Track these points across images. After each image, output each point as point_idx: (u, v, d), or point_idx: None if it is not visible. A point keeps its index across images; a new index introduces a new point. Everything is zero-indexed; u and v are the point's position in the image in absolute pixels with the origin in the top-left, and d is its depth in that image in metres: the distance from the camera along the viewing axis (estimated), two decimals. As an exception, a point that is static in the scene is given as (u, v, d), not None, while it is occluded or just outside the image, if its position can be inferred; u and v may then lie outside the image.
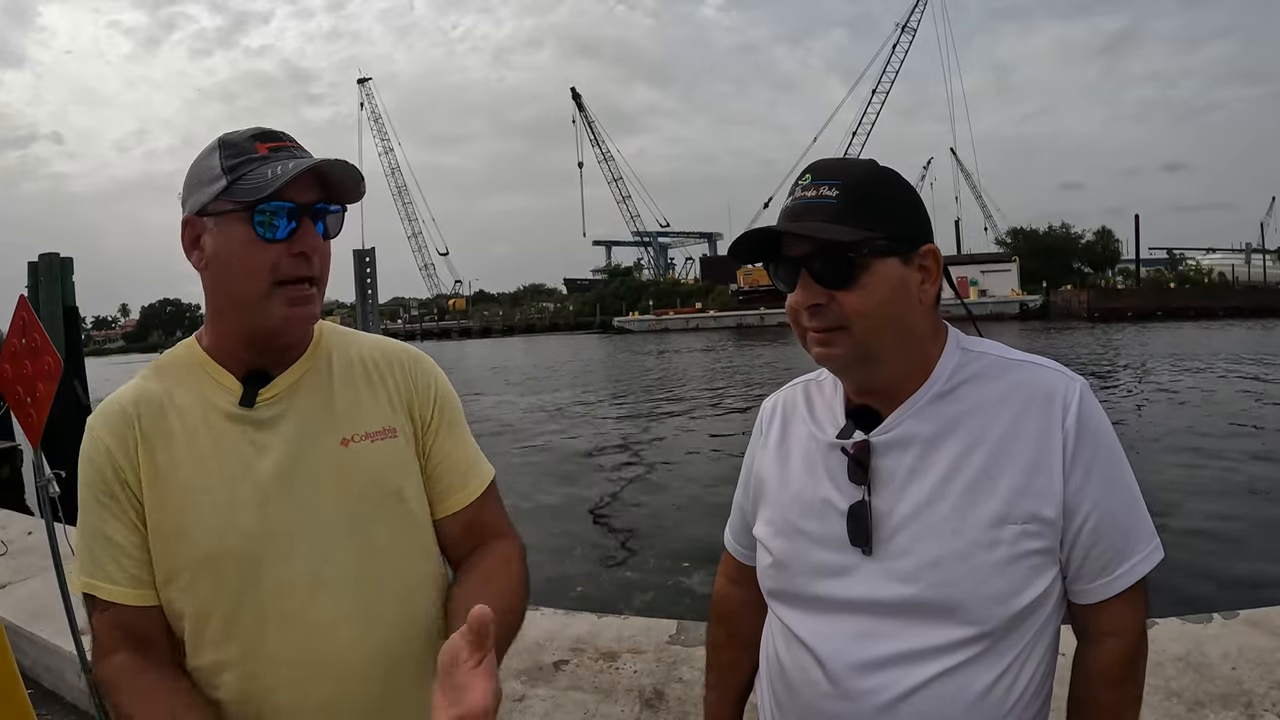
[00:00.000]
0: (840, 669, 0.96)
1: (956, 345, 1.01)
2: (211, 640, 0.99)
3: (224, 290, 1.01)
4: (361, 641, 1.01)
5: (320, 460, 1.03)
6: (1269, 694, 2.30)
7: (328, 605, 1.00)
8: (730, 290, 75.33)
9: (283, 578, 0.99)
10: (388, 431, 1.08)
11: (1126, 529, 0.95)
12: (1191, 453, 9.80)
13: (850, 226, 0.92)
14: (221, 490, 0.99)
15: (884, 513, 0.96)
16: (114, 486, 1.00)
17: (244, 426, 1.02)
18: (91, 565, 1.00)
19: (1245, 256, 65.77)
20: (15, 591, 4.02)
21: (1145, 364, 20.91)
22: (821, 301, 0.94)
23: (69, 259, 9.95)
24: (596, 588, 6.14)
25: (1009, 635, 0.93)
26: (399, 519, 1.08)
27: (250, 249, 0.97)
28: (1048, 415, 0.94)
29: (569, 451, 12.42)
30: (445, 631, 1.06)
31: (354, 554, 1.02)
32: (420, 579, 1.10)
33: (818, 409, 1.08)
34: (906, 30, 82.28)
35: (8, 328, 2.81)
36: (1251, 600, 3.64)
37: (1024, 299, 55.73)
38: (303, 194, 0.98)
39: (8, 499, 8.53)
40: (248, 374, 1.04)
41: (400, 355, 1.16)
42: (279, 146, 0.99)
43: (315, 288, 1.02)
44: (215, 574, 0.98)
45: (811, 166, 0.98)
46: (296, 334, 1.04)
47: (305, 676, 0.99)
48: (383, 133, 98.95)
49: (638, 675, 2.77)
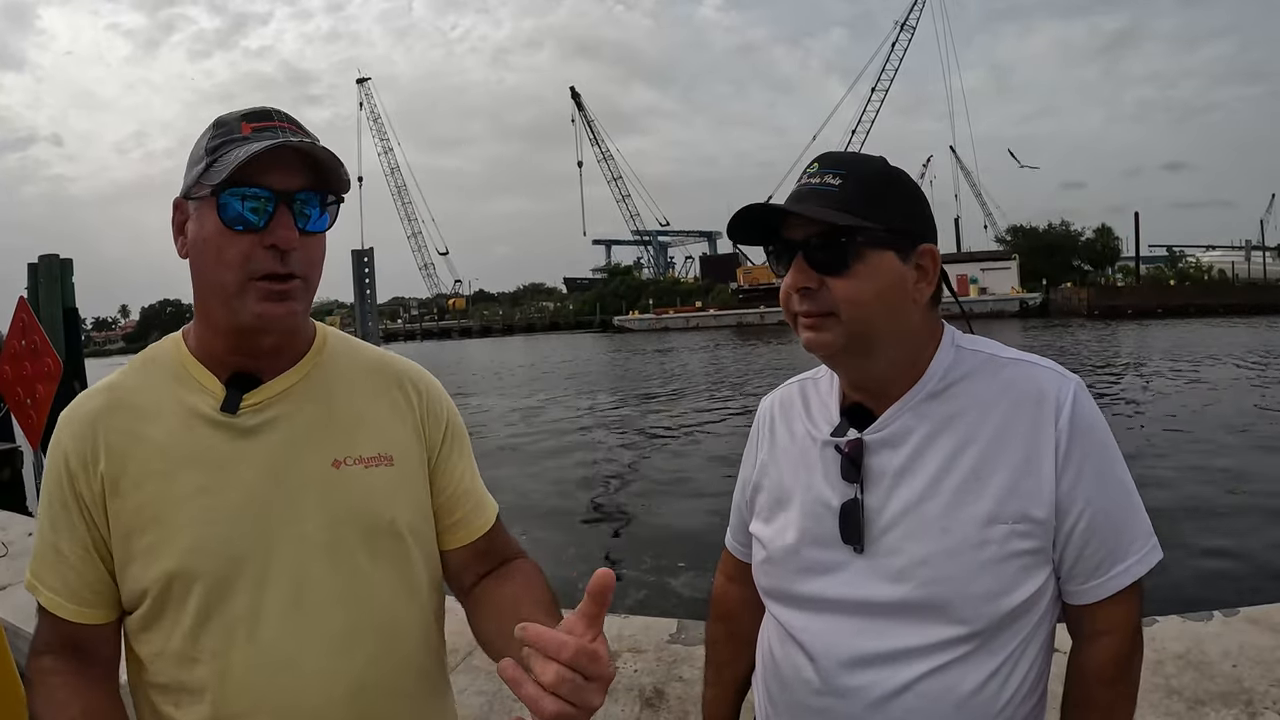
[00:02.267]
0: (831, 666, 0.96)
1: (952, 344, 1.01)
2: (173, 662, 0.91)
3: (202, 280, 0.92)
4: (335, 678, 0.92)
5: (307, 479, 0.94)
6: (1269, 692, 2.30)
7: (300, 637, 0.91)
8: (730, 289, 75.37)
9: (255, 603, 0.90)
10: (384, 458, 0.99)
11: (1120, 529, 0.94)
12: (1192, 450, 9.79)
13: (849, 215, 0.92)
14: (197, 503, 0.90)
15: (875, 511, 0.96)
16: (67, 498, 0.93)
17: (225, 434, 0.93)
18: (38, 566, 0.95)
19: (1245, 254, 65.77)
20: (15, 593, 4.01)
21: (1145, 361, 20.88)
22: (812, 285, 0.94)
23: (69, 260, 9.92)
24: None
25: (1000, 635, 0.92)
26: (388, 552, 0.98)
27: (221, 238, 0.88)
28: (1040, 414, 0.94)
29: (568, 451, 12.41)
30: (432, 674, 1.04)
31: (334, 585, 0.94)
32: (407, 618, 1.00)
33: (813, 407, 1.08)
34: (906, 28, 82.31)
35: (8, 329, 2.81)
36: (1252, 598, 3.63)
37: (1024, 297, 55.75)
38: (283, 180, 0.88)
39: (8, 500, 8.51)
40: (232, 377, 0.95)
41: (412, 375, 1.08)
42: (265, 126, 0.89)
43: (298, 282, 0.91)
44: (182, 593, 0.90)
45: (821, 156, 0.99)
46: (274, 331, 0.93)
47: (275, 706, 0.90)
48: (382, 133, 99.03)
49: (638, 674, 2.77)
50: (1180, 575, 5.48)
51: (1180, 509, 7.23)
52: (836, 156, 0.98)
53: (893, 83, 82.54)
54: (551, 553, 6.95)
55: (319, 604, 0.93)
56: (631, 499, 9.17)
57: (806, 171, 0.98)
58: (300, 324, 0.98)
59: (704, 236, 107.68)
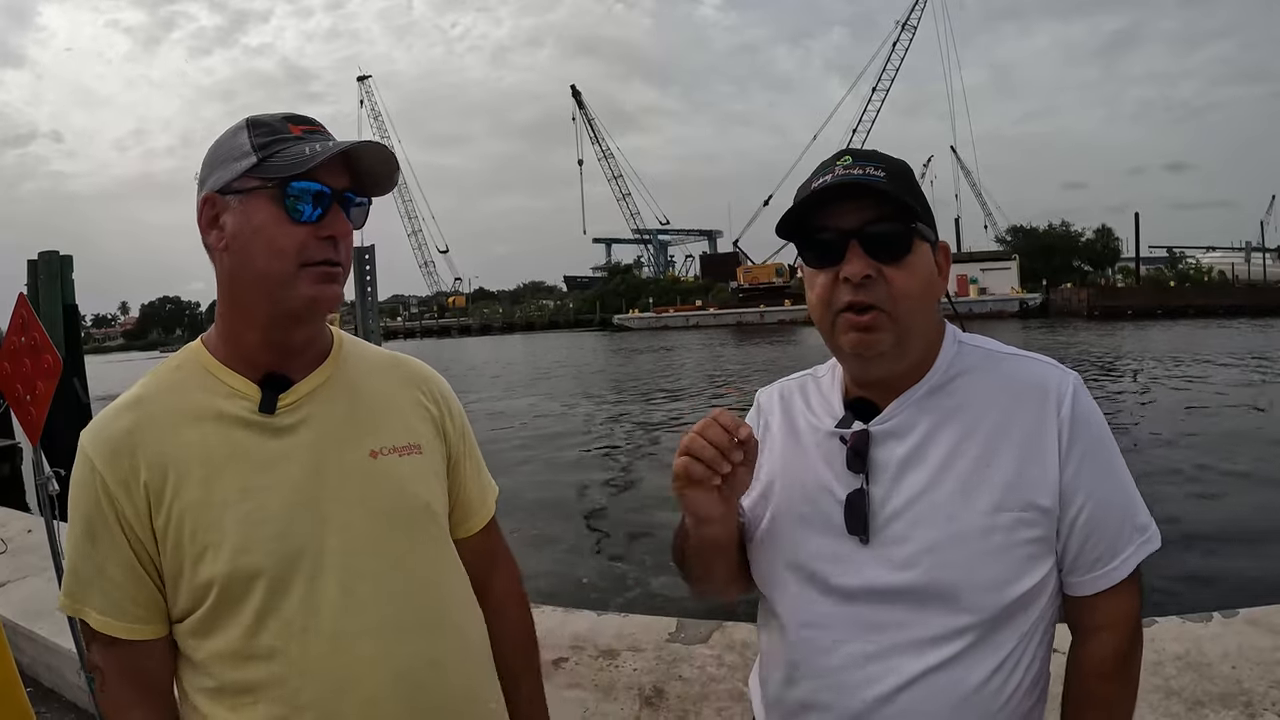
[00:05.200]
0: (837, 660, 0.96)
1: (954, 339, 1.03)
2: (230, 663, 0.94)
3: (245, 271, 0.95)
4: (387, 662, 0.97)
5: (348, 471, 0.99)
6: (1269, 693, 2.30)
7: (354, 624, 0.95)
8: (730, 288, 75.30)
9: (310, 596, 0.94)
10: (414, 447, 1.06)
11: (1121, 520, 0.96)
12: (1192, 451, 9.78)
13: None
14: (244, 503, 0.93)
15: (881, 501, 0.97)
16: (108, 519, 0.93)
17: (264, 434, 0.96)
18: (80, 591, 0.95)
19: (1245, 255, 65.71)
20: (15, 590, 4.01)
21: (1145, 362, 20.88)
22: (872, 274, 0.93)
23: (68, 257, 9.89)
24: (596, 585, 6.14)
25: (1004, 627, 0.93)
26: (425, 534, 1.05)
27: (278, 228, 0.93)
28: (1043, 407, 0.96)
29: (568, 450, 12.40)
30: (477, 647, 1.10)
31: (380, 570, 0.99)
32: (448, 596, 1.07)
33: (814, 401, 1.09)
34: (907, 28, 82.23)
35: (7, 326, 2.81)
36: (1251, 599, 3.63)
37: (1024, 297, 55.64)
38: (334, 179, 0.95)
39: (7, 497, 8.52)
40: (265, 378, 0.98)
41: (424, 373, 1.15)
42: (312, 130, 0.97)
43: (341, 269, 0.98)
44: (242, 593, 0.93)
45: (849, 151, 1.00)
46: (319, 316, 1.00)
47: (334, 693, 0.94)
48: (382, 130, 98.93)
49: (637, 673, 2.76)
50: (1180, 576, 5.48)
51: (1180, 509, 7.23)
52: (866, 152, 0.99)
53: (893, 82, 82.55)
54: (550, 551, 6.96)
55: (369, 590, 0.97)
56: (631, 497, 9.17)
57: (840, 164, 0.97)
58: (335, 308, 1.02)
59: (704, 235, 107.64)
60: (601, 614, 3.36)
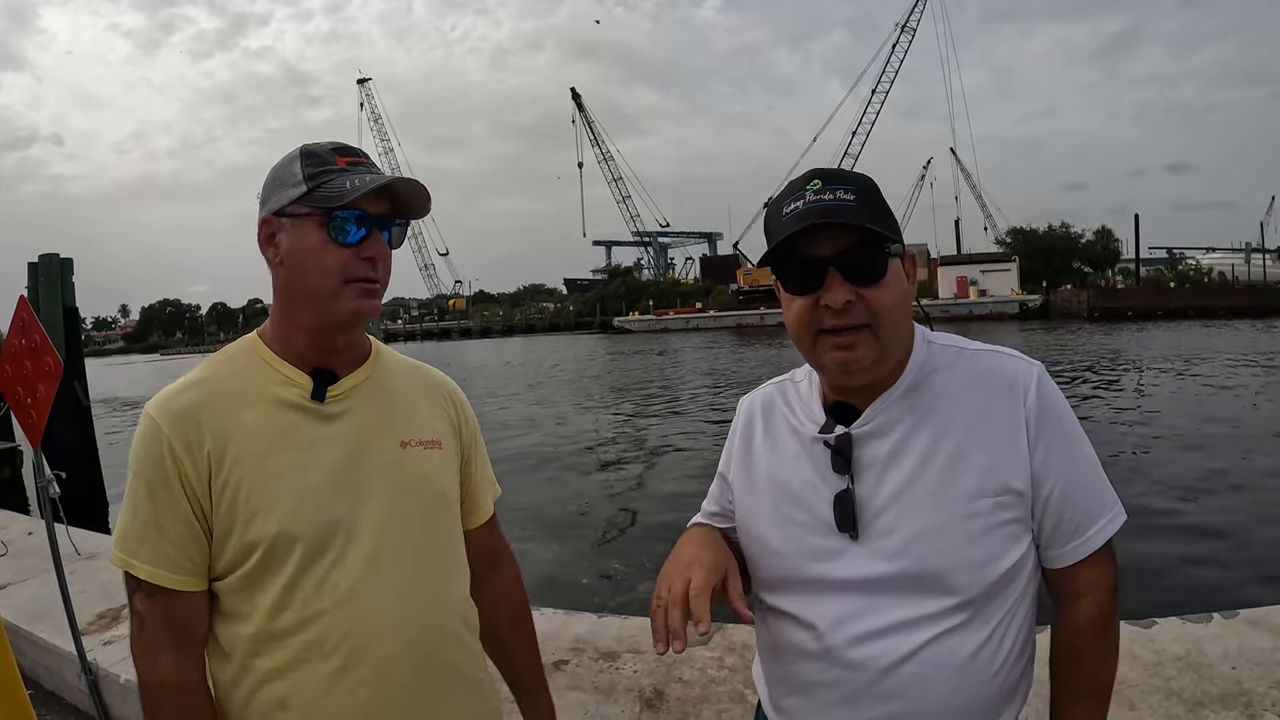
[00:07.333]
0: (840, 641, 1.02)
1: (924, 339, 1.08)
2: (266, 614, 1.06)
3: (297, 284, 1.09)
4: (403, 625, 1.10)
5: (381, 458, 1.14)
6: (1269, 694, 2.30)
7: (377, 589, 1.09)
8: (730, 290, 75.37)
9: (341, 560, 1.07)
10: (436, 443, 1.21)
11: (1090, 496, 1.04)
12: (1192, 451, 9.78)
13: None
14: (293, 476, 1.07)
15: (867, 498, 1.03)
16: (170, 478, 1.04)
17: (313, 419, 1.11)
18: (133, 546, 1.05)
19: (1245, 256, 65.69)
20: (15, 592, 4.01)
21: (1145, 363, 20.88)
22: (852, 299, 0.98)
23: (69, 260, 9.91)
24: (596, 588, 6.15)
25: (990, 603, 1.00)
26: (439, 520, 1.20)
27: (324, 249, 1.07)
28: (1011, 398, 1.02)
29: (568, 452, 12.42)
30: (471, 622, 1.24)
31: (401, 546, 1.12)
32: (454, 577, 1.22)
33: (795, 407, 1.14)
34: (906, 30, 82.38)
35: (8, 328, 2.82)
36: (1251, 599, 3.64)
37: (1023, 298, 55.70)
38: (374, 206, 1.08)
39: (8, 500, 8.53)
40: (314, 371, 1.12)
41: (444, 381, 1.32)
42: (356, 162, 1.10)
43: (378, 285, 1.11)
44: (285, 552, 1.05)
45: (818, 173, 1.03)
46: (360, 324, 1.14)
47: (356, 647, 1.07)
48: (382, 133, 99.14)
49: (638, 675, 2.76)
50: (1180, 577, 5.49)
51: (1181, 508, 7.24)
52: (834, 173, 1.03)
53: (893, 84, 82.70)
54: (550, 553, 6.97)
55: (391, 563, 1.11)
56: (630, 499, 9.18)
57: (809, 188, 1.00)
58: (375, 317, 1.18)
59: (704, 238, 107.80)
60: (602, 616, 3.36)
